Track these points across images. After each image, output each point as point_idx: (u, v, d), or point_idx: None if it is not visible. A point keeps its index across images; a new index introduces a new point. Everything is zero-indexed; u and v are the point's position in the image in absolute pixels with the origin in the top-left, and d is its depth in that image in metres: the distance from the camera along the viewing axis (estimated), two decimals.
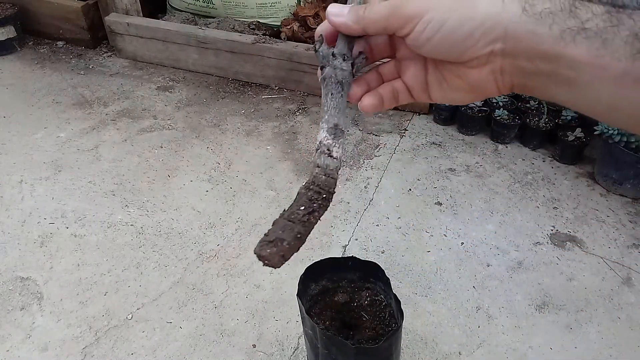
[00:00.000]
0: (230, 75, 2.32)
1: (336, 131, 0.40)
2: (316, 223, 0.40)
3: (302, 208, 0.39)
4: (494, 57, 0.36)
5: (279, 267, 0.39)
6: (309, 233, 0.40)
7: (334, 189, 0.40)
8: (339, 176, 0.39)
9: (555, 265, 1.50)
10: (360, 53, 0.42)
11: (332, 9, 0.42)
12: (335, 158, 0.40)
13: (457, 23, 0.36)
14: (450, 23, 0.36)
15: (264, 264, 0.39)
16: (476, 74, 0.38)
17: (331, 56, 0.41)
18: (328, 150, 0.40)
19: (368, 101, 0.44)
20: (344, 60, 0.41)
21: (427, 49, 0.38)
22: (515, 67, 0.36)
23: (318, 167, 0.40)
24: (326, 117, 0.41)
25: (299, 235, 0.39)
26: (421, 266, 1.48)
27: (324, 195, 0.39)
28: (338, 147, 0.40)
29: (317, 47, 0.42)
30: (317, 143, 0.40)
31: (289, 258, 0.40)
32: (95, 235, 1.56)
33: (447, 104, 1.98)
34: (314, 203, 0.39)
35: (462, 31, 0.36)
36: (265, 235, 0.39)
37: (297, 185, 1.76)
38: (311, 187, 0.39)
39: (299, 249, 0.39)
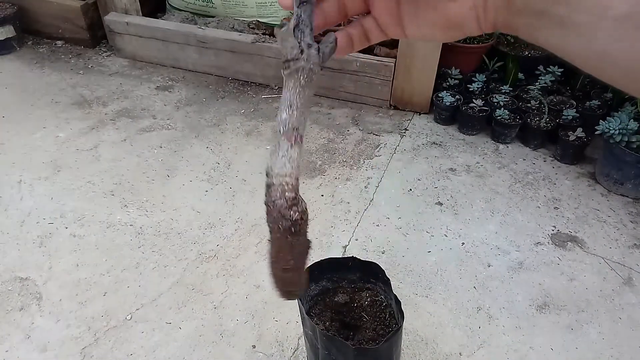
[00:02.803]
0: (229, 74, 2.31)
1: (288, 131, 0.35)
2: (303, 244, 0.36)
3: (275, 251, 0.35)
4: None
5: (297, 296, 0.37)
6: (306, 253, 0.36)
7: (291, 216, 0.35)
8: (300, 200, 0.34)
9: (556, 266, 1.49)
10: (329, 35, 0.37)
11: None
12: (272, 175, 0.34)
13: None
14: None
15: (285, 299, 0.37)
16: (456, 8, 0.33)
17: (298, 48, 0.36)
18: (268, 171, 0.35)
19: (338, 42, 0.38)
20: (308, 48, 0.36)
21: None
22: (501, 2, 0.31)
23: (265, 199, 0.34)
24: (282, 108, 0.36)
25: (290, 266, 0.36)
26: (422, 266, 1.48)
27: (281, 227, 0.35)
28: (281, 157, 0.35)
29: (278, 32, 0.37)
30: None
31: (300, 276, 0.37)
32: (95, 235, 1.55)
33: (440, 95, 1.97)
34: (282, 239, 0.35)
35: None
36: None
37: None
38: (269, 225, 0.35)
39: (304, 267, 0.36)
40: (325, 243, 1.54)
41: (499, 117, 1.92)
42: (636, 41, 0.27)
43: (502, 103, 1.97)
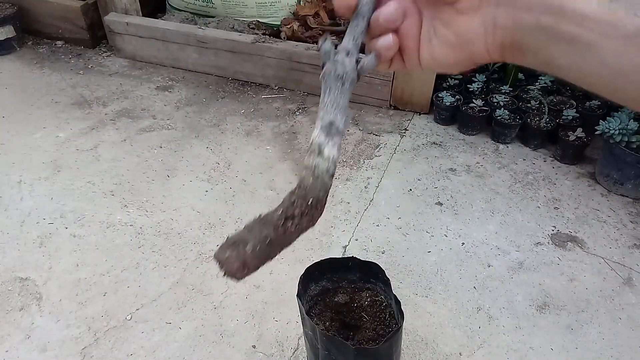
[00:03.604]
0: (229, 74, 2.31)
1: (331, 129, 0.35)
2: (296, 235, 0.34)
3: (280, 212, 0.33)
4: (486, 3, 0.32)
5: (239, 279, 0.32)
6: (285, 245, 0.33)
7: (324, 195, 0.34)
8: (333, 181, 0.34)
9: (556, 266, 1.49)
10: (372, 52, 0.38)
11: None
12: (326, 158, 0.34)
13: None
14: None
15: (224, 274, 0.32)
16: (467, 22, 0.34)
17: (333, 51, 0.37)
18: (319, 148, 0.35)
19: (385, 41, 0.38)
20: (347, 55, 0.37)
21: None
22: (511, 18, 0.32)
23: (306, 168, 0.35)
24: (321, 114, 0.36)
25: (267, 240, 0.33)
26: (422, 266, 1.48)
27: (310, 202, 0.33)
28: (332, 147, 0.35)
29: (320, 43, 0.39)
30: (310, 142, 0.36)
31: (253, 268, 0.33)
32: (95, 235, 1.55)
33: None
34: (296, 209, 0.33)
35: None
36: (230, 237, 0.33)
37: None
38: (296, 190, 0.34)
39: (267, 260, 0.33)
40: (325, 243, 1.54)
41: (499, 117, 1.92)
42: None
43: (502, 103, 1.97)
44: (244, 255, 0.32)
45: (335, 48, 0.37)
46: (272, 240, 0.33)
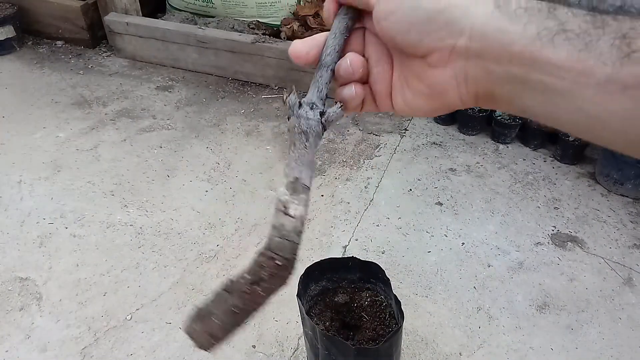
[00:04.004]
0: (229, 74, 2.31)
1: (296, 185, 0.35)
2: (265, 297, 0.34)
3: (247, 276, 0.33)
4: (456, 56, 0.32)
5: (210, 351, 0.32)
6: (253, 310, 0.34)
7: (293, 255, 0.34)
8: (301, 240, 0.34)
9: (556, 266, 1.49)
10: (337, 102, 0.38)
11: None
12: (293, 217, 0.34)
13: (422, 2, 0.32)
14: (412, 1, 0.32)
15: (194, 346, 0.33)
16: (438, 75, 0.34)
17: (297, 105, 0.37)
18: (284, 207, 0.34)
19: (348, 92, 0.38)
20: (311, 109, 0.37)
21: (386, 26, 0.35)
22: (482, 70, 0.32)
23: (273, 228, 0.34)
24: (287, 170, 0.35)
25: (234, 310, 0.33)
26: (422, 266, 1.48)
27: (279, 263, 0.33)
28: (298, 204, 0.34)
29: (285, 96, 0.38)
30: (275, 200, 0.35)
31: (222, 338, 0.33)
32: (95, 235, 1.55)
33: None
34: (264, 271, 0.33)
35: (425, 12, 0.32)
36: (197, 308, 0.33)
37: None
38: (264, 252, 0.33)
39: (235, 328, 0.33)
40: (325, 243, 1.54)
41: (499, 117, 1.92)
42: (624, 103, 0.27)
43: None
44: (210, 327, 0.33)
45: (300, 103, 0.37)
46: (239, 307, 0.33)
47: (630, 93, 0.27)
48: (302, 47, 0.38)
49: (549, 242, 1.57)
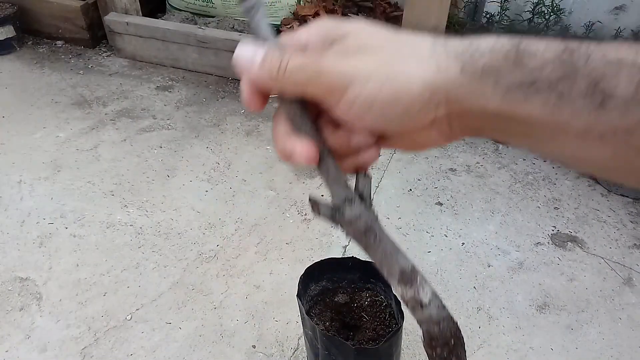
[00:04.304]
0: (230, 74, 2.31)
1: (405, 276, 0.33)
2: None
3: None
4: (439, 122, 0.32)
5: None
6: None
7: (455, 326, 0.33)
8: (447, 309, 0.33)
9: (556, 266, 1.49)
10: (359, 174, 0.36)
11: (242, 50, 0.34)
12: (429, 302, 0.33)
13: (391, 98, 0.30)
14: (382, 98, 0.31)
15: None
16: (423, 136, 0.34)
17: (338, 212, 0.35)
18: (418, 303, 0.33)
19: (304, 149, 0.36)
20: (350, 206, 0.34)
21: (360, 125, 0.33)
22: (464, 125, 0.32)
23: (422, 323, 0.34)
24: (385, 270, 0.34)
25: None
26: (422, 266, 1.48)
27: (451, 343, 0.33)
28: (423, 290, 0.33)
29: (315, 213, 0.36)
30: (400, 301, 0.33)
31: None
32: (95, 235, 1.55)
33: None
34: (445, 357, 0.33)
35: (398, 107, 0.31)
36: None
37: (297, 186, 1.75)
38: (433, 343, 0.33)
39: None
40: (325, 243, 1.54)
41: None
42: (604, 150, 0.28)
43: None
44: None
45: (334, 206, 0.35)
46: None
47: (608, 140, 0.27)
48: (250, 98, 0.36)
49: (549, 242, 1.57)
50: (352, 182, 0.36)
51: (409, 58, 0.31)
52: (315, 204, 0.35)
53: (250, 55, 0.34)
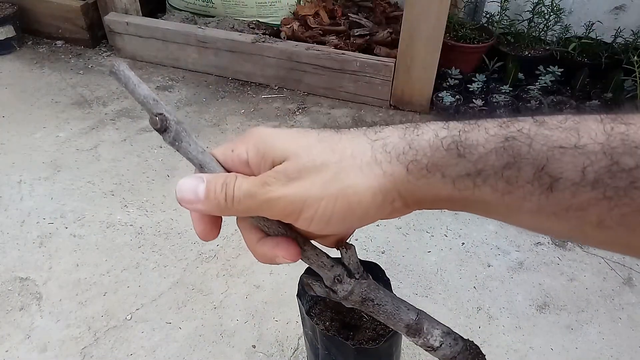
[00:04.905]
0: (229, 74, 2.31)
1: (412, 329, 0.35)
2: None
3: None
4: (396, 211, 0.33)
5: None
6: None
7: (477, 354, 0.35)
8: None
9: (556, 266, 1.49)
10: (341, 249, 0.37)
11: (183, 188, 0.33)
12: (440, 347, 0.35)
13: (346, 211, 0.31)
14: (337, 213, 0.31)
15: None
16: (370, 217, 0.34)
17: (331, 291, 0.36)
18: (430, 348, 0.35)
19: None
20: (341, 282, 0.36)
21: (323, 233, 0.34)
22: (420, 206, 0.32)
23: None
24: (392, 327, 0.36)
25: None
26: (422, 266, 1.48)
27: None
28: (432, 337, 0.35)
29: (311, 291, 0.37)
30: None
31: None
32: (95, 235, 1.55)
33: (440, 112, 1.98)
34: None
35: (355, 216, 0.31)
36: None
37: None
38: None
39: None
40: None
41: None
42: (561, 225, 0.28)
43: (502, 103, 1.97)
44: None
45: (326, 286, 0.36)
46: None
47: (562, 217, 0.27)
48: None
49: (549, 242, 1.57)
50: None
51: (353, 171, 0.31)
52: (309, 287, 0.36)
53: (192, 189, 0.33)
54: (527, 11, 2.16)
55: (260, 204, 0.32)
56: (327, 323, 1.10)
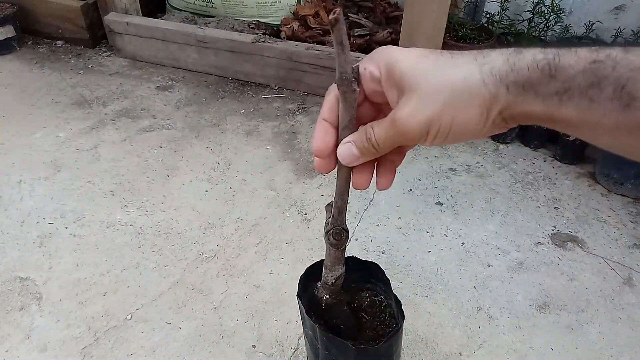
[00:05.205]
0: (229, 74, 2.31)
1: None
2: None
3: None
4: (496, 127, 0.39)
5: None
6: None
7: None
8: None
9: (556, 266, 1.49)
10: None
11: (343, 155, 0.45)
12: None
13: (462, 130, 0.39)
14: (454, 132, 0.39)
15: None
16: (477, 131, 0.41)
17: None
18: None
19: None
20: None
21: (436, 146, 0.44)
22: (515, 121, 0.39)
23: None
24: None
25: None
26: (422, 266, 1.48)
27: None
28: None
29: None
30: None
31: None
32: (95, 235, 1.55)
33: None
34: None
35: (468, 133, 0.39)
36: None
37: (297, 185, 1.75)
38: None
39: None
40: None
41: None
42: (634, 142, 0.33)
43: None
44: None
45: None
46: None
47: (636, 134, 0.32)
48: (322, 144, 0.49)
49: (549, 242, 1.57)
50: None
51: (464, 94, 0.37)
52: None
53: (349, 153, 0.45)
54: (527, 11, 2.16)
55: (397, 139, 0.41)
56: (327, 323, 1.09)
